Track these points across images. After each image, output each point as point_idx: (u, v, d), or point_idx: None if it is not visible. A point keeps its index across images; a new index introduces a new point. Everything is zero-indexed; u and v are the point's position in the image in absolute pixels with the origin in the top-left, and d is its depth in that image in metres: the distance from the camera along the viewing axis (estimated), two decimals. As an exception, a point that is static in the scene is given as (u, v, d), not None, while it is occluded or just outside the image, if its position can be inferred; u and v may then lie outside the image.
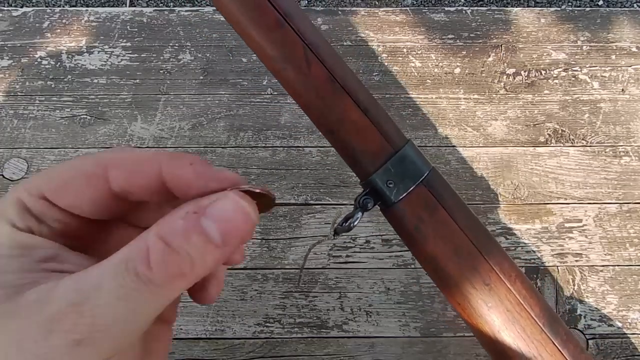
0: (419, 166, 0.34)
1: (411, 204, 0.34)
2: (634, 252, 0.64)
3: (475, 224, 0.35)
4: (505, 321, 0.33)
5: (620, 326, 0.61)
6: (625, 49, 0.76)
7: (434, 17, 0.79)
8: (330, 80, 0.33)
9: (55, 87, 0.74)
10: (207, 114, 0.72)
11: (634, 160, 0.69)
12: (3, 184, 0.68)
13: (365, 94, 0.34)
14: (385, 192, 0.34)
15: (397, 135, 0.35)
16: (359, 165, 0.34)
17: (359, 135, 0.33)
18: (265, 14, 0.32)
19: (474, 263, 0.34)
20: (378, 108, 0.35)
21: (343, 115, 0.33)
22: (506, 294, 0.34)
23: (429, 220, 0.33)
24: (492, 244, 0.35)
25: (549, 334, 0.34)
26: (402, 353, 0.60)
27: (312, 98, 0.33)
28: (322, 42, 0.34)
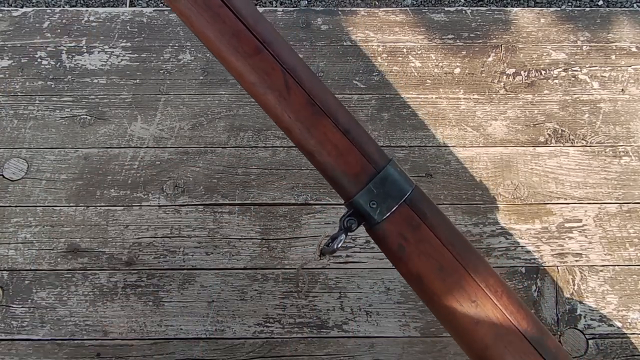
0: (402, 185, 0.34)
1: (395, 223, 0.34)
2: (634, 252, 0.64)
3: (460, 240, 0.35)
4: (492, 337, 0.33)
5: (620, 326, 0.61)
6: (625, 49, 0.76)
7: (434, 17, 0.79)
8: (310, 103, 0.33)
9: (55, 87, 0.74)
10: (207, 114, 0.72)
11: (633, 160, 0.69)
12: (3, 184, 0.68)
13: (346, 115, 0.34)
14: (369, 213, 0.34)
15: (378, 155, 0.35)
16: (341, 186, 0.35)
17: (340, 157, 0.34)
18: (244, 41, 0.33)
19: (459, 280, 0.34)
20: (359, 128, 0.35)
21: (323, 137, 0.33)
22: (493, 309, 0.34)
23: (412, 239, 0.34)
24: (478, 260, 0.35)
25: (537, 349, 0.34)
26: (402, 353, 0.60)
27: (293, 122, 0.33)
28: (300, 66, 0.34)
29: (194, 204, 0.67)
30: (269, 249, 0.65)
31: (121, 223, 0.66)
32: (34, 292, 0.63)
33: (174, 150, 0.70)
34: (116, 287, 0.63)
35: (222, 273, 0.64)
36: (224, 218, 0.66)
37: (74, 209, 0.67)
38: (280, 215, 0.66)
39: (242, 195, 0.68)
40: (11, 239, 0.65)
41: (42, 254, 0.65)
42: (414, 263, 0.34)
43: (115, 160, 0.69)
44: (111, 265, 0.64)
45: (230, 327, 0.61)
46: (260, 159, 0.69)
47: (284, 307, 0.62)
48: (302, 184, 0.68)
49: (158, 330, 0.61)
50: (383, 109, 0.73)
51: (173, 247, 0.65)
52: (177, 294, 0.63)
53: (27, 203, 0.67)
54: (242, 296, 0.63)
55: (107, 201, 0.67)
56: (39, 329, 0.61)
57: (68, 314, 0.62)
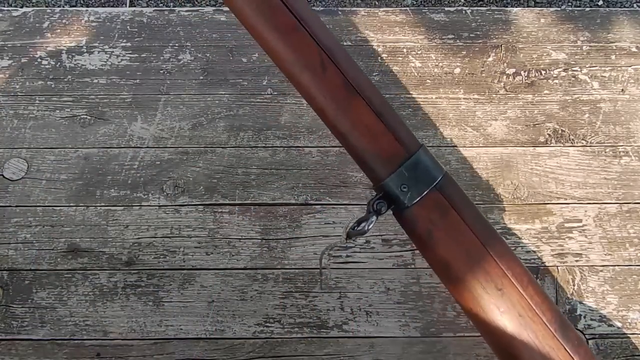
0: (433, 171, 0.34)
1: (425, 208, 0.34)
2: (634, 252, 0.64)
3: (487, 228, 0.35)
4: (517, 326, 0.33)
5: (620, 326, 0.61)
6: (625, 49, 0.76)
7: (434, 17, 0.79)
8: (345, 84, 0.33)
9: (55, 87, 0.74)
10: (207, 114, 0.72)
11: (633, 160, 0.69)
12: (3, 184, 0.68)
13: (380, 98, 0.34)
14: (399, 197, 0.34)
15: (411, 139, 0.35)
16: (372, 169, 0.35)
17: (373, 139, 0.33)
18: (281, 17, 0.32)
19: (486, 267, 0.33)
20: (392, 112, 0.34)
21: (357, 118, 0.33)
22: (518, 299, 0.33)
23: (441, 224, 0.34)
24: (504, 248, 0.35)
25: (560, 340, 0.34)
26: (402, 353, 0.60)
27: (327, 102, 0.33)
28: (336, 46, 0.33)
29: (194, 204, 0.67)
30: (269, 249, 0.65)
31: (121, 223, 0.66)
32: (34, 292, 0.63)
33: (174, 150, 0.70)
34: (116, 287, 0.63)
35: (222, 273, 0.64)
36: (224, 218, 0.66)
37: (74, 209, 0.67)
38: (280, 215, 0.66)
39: (242, 195, 0.68)
40: (11, 239, 0.65)
41: (42, 254, 0.65)
42: (441, 249, 0.34)
43: (115, 160, 0.69)
44: (111, 265, 0.64)
45: (230, 327, 0.61)
46: (260, 159, 0.69)
47: (284, 307, 0.62)
48: (302, 184, 0.68)
49: (158, 330, 0.61)
50: (383, 109, 0.73)
51: (173, 247, 0.65)
52: (177, 294, 0.63)
53: (27, 203, 0.67)
54: (242, 296, 0.63)
55: (107, 201, 0.67)
56: (39, 329, 0.61)
57: (68, 314, 0.62)
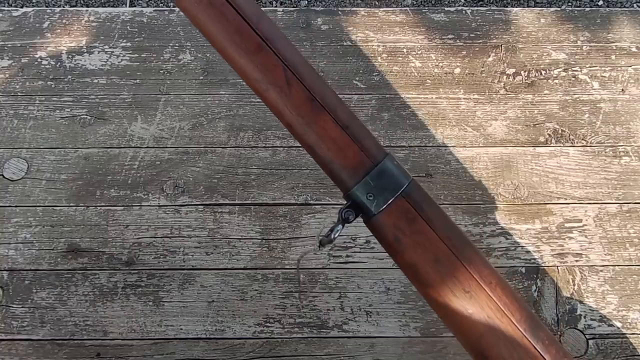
0: (398, 178, 0.35)
1: (391, 215, 0.35)
2: (634, 252, 0.64)
3: (455, 233, 0.36)
4: (486, 327, 0.34)
5: (620, 326, 0.61)
6: (625, 49, 0.76)
7: (434, 17, 0.79)
8: (310, 99, 0.34)
9: (55, 87, 0.74)
10: (207, 114, 0.72)
11: (633, 160, 0.69)
12: (3, 184, 0.68)
13: (345, 110, 0.36)
14: (366, 205, 0.35)
15: (376, 149, 0.36)
16: (340, 180, 0.36)
17: (339, 151, 0.35)
18: (247, 38, 0.34)
19: (453, 271, 0.34)
20: (358, 124, 0.36)
21: (323, 132, 0.35)
22: (487, 300, 0.34)
23: (408, 231, 0.35)
24: (472, 252, 0.36)
25: (530, 340, 0.35)
26: (402, 353, 0.60)
27: (294, 117, 0.35)
28: (302, 63, 0.35)
29: (194, 204, 0.67)
30: (269, 249, 0.65)
31: (121, 223, 0.66)
32: (34, 292, 0.63)
33: (174, 150, 0.70)
34: (116, 287, 0.63)
35: (222, 273, 0.64)
36: (224, 218, 0.66)
37: (74, 209, 0.67)
38: (280, 215, 0.66)
39: (242, 195, 0.68)
40: (11, 239, 0.65)
41: (42, 254, 0.65)
42: (409, 254, 0.35)
43: (115, 160, 0.69)
44: (111, 265, 0.64)
45: (230, 327, 0.61)
46: (260, 159, 0.69)
47: (284, 307, 0.62)
48: (302, 184, 0.68)
49: (158, 330, 0.61)
50: (383, 109, 0.73)
51: (173, 247, 0.65)
52: (177, 294, 0.63)
53: (27, 203, 0.67)
54: (242, 296, 0.63)
55: (107, 201, 0.67)
56: (39, 329, 0.61)
57: (68, 314, 0.62)
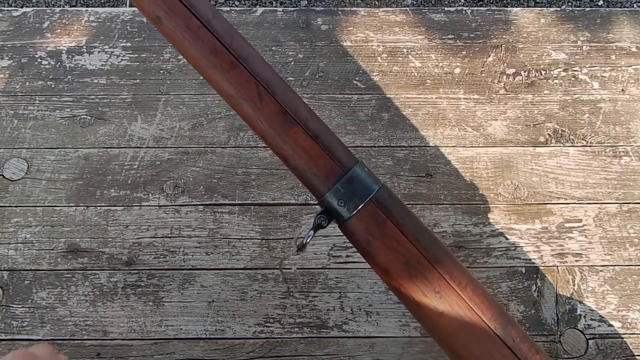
0: (368, 185, 0.37)
1: (362, 220, 0.36)
2: (634, 252, 0.64)
3: (425, 235, 0.37)
4: (457, 326, 0.35)
5: (620, 326, 0.61)
6: (625, 49, 0.76)
7: (434, 17, 0.79)
8: (282, 112, 0.36)
9: (55, 87, 0.74)
10: (207, 114, 0.72)
11: (633, 160, 0.69)
12: (3, 184, 0.68)
13: (316, 121, 0.37)
14: (338, 211, 0.37)
15: (346, 157, 0.37)
16: (313, 187, 0.38)
17: (311, 160, 0.37)
18: (220, 57, 0.36)
19: (423, 272, 0.36)
20: (328, 133, 0.38)
21: (294, 142, 0.37)
22: (456, 300, 0.36)
23: (378, 234, 0.36)
24: (442, 253, 0.37)
25: (501, 337, 0.36)
26: (402, 353, 0.60)
27: (266, 129, 0.37)
28: (273, 77, 0.37)
29: (194, 204, 0.67)
30: (269, 249, 0.65)
31: (121, 223, 0.66)
32: (34, 292, 0.63)
33: (174, 150, 0.70)
34: (116, 287, 0.63)
35: (222, 273, 0.64)
36: (224, 218, 0.66)
37: (74, 209, 0.67)
38: (280, 215, 0.66)
39: (242, 195, 0.68)
40: (11, 239, 0.65)
41: (42, 254, 0.65)
42: (380, 257, 0.36)
43: (115, 160, 0.69)
44: (111, 265, 0.64)
45: (230, 327, 0.61)
46: (260, 159, 0.69)
47: (284, 307, 0.62)
48: (302, 184, 0.68)
49: (158, 330, 0.61)
50: (383, 109, 0.73)
51: (173, 247, 0.65)
52: (177, 294, 0.63)
53: (27, 203, 0.67)
54: (242, 296, 0.63)
55: (107, 201, 0.67)
56: (39, 329, 0.61)
57: (68, 314, 0.62)
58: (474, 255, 0.64)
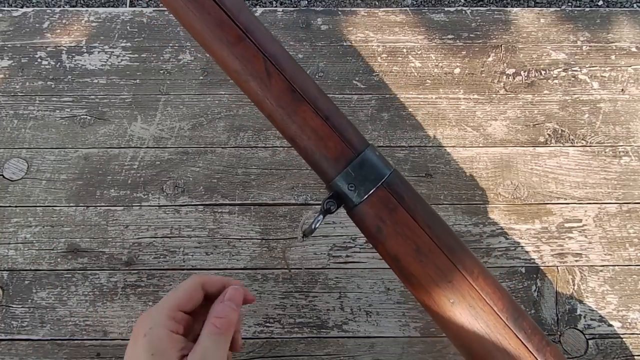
0: (380, 169, 0.35)
1: (372, 205, 0.35)
2: (634, 252, 0.64)
3: (437, 223, 0.36)
4: (468, 316, 0.34)
5: (620, 326, 0.61)
6: (625, 49, 0.76)
7: (433, 17, 0.79)
8: (290, 89, 0.34)
9: (55, 87, 0.74)
10: (207, 114, 0.72)
11: (633, 160, 0.69)
12: (3, 184, 0.68)
13: (326, 101, 0.36)
14: (347, 195, 0.35)
15: (357, 140, 0.36)
16: (321, 170, 0.36)
17: (320, 141, 0.35)
18: (227, 30, 0.34)
19: (435, 261, 0.35)
20: (339, 114, 0.36)
21: (303, 122, 0.35)
22: (469, 290, 0.35)
23: (389, 221, 0.35)
24: (455, 242, 0.36)
25: (512, 328, 0.35)
26: (402, 353, 0.60)
27: (274, 107, 0.35)
28: (282, 54, 0.35)
29: (194, 204, 0.67)
30: (269, 249, 0.65)
31: (121, 223, 0.66)
32: (34, 292, 0.63)
33: (174, 150, 0.70)
34: (116, 287, 0.63)
35: (222, 273, 0.64)
36: (224, 218, 0.66)
37: (74, 209, 0.67)
38: (280, 216, 0.66)
39: (242, 195, 0.68)
40: (11, 239, 0.65)
41: (42, 254, 0.65)
42: (391, 244, 0.35)
43: (115, 160, 0.69)
44: (111, 265, 0.64)
45: (230, 327, 0.61)
46: (260, 159, 0.69)
47: (284, 307, 0.62)
48: (302, 184, 0.68)
49: (158, 330, 0.61)
50: (383, 109, 0.73)
51: (173, 247, 0.65)
52: (177, 294, 0.63)
53: (27, 203, 0.67)
54: (242, 296, 0.63)
55: (107, 201, 0.67)
56: (39, 329, 0.61)
57: (68, 314, 0.62)
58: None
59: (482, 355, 0.36)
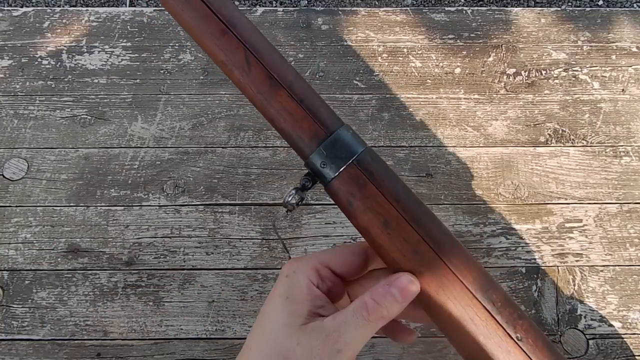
0: (351, 147, 0.38)
1: (343, 182, 0.37)
2: (634, 252, 0.64)
3: (407, 197, 0.37)
4: (435, 287, 0.36)
5: (621, 326, 0.61)
6: (625, 49, 0.76)
7: (434, 17, 0.79)
8: (268, 77, 0.38)
9: (55, 87, 0.74)
10: (208, 114, 0.72)
11: (634, 160, 0.69)
12: (3, 184, 0.68)
13: (301, 86, 0.39)
14: (321, 173, 0.38)
15: (330, 120, 0.38)
16: (299, 149, 0.39)
17: (295, 123, 0.38)
18: (211, 24, 0.38)
19: (403, 234, 0.36)
20: (313, 98, 0.39)
21: (280, 106, 0.38)
22: (434, 260, 0.36)
23: (359, 196, 0.37)
24: (424, 215, 0.37)
25: (481, 300, 0.35)
26: (402, 353, 0.60)
27: (254, 93, 0.38)
28: (260, 43, 0.38)
29: (194, 204, 0.67)
30: (269, 249, 0.65)
31: (121, 223, 0.66)
32: (34, 292, 0.63)
33: (174, 150, 0.70)
34: (116, 287, 0.63)
35: (223, 273, 0.64)
36: (224, 218, 0.66)
37: (74, 209, 0.67)
38: (280, 216, 0.66)
39: (242, 195, 0.68)
40: (11, 239, 0.65)
41: (42, 254, 0.65)
42: (361, 217, 0.37)
43: (116, 160, 0.69)
44: (111, 265, 0.64)
45: (230, 327, 0.61)
46: (261, 159, 0.69)
47: (284, 307, 0.62)
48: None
49: (158, 330, 0.61)
50: (383, 108, 0.73)
51: (173, 247, 0.65)
52: (177, 294, 0.63)
53: (28, 203, 0.67)
54: (242, 296, 0.63)
55: (107, 201, 0.67)
56: (39, 329, 0.61)
57: (68, 314, 0.62)
58: (474, 256, 0.64)
59: (449, 326, 0.36)
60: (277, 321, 0.35)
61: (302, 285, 0.36)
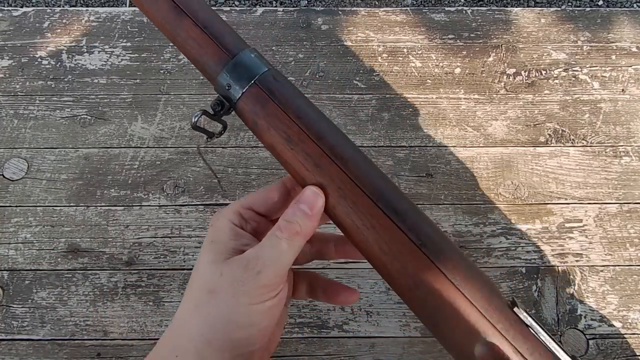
0: (253, 69, 0.39)
1: (247, 101, 0.39)
2: (634, 252, 0.64)
3: (309, 112, 0.38)
4: (338, 197, 0.37)
5: (621, 326, 0.61)
6: (625, 49, 0.76)
7: (434, 17, 0.79)
8: (173, 7, 0.40)
9: (55, 87, 0.74)
10: (208, 114, 0.72)
11: (634, 160, 0.69)
12: (3, 184, 0.68)
13: (206, 13, 0.40)
14: (227, 95, 0.40)
15: (233, 44, 0.40)
16: (207, 74, 0.41)
17: (201, 48, 0.40)
18: None
19: (305, 149, 0.37)
20: (218, 24, 0.40)
21: (186, 34, 0.40)
22: (337, 173, 0.37)
23: (262, 114, 0.38)
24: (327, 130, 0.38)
25: (382, 209, 0.36)
26: (402, 353, 0.60)
27: (164, 24, 0.41)
28: None
29: (195, 204, 0.67)
30: (269, 249, 0.65)
31: (121, 223, 0.66)
32: (34, 292, 0.63)
33: (174, 150, 0.70)
34: (116, 287, 0.63)
35: (223, 273, 0.64)
36: (224, 218, 0.66)
37: (74, 209, 0.67)
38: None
39: (242, 195, 0.68)
40: (11, 239, 0.65)
41: (42, 254, 0.65)
42: (266, 135, 0.39)
43: (116, 160, 0.69)
44: (111, 265, 0.64)
45: (230, 327, 0.61)
46: (261, 159, 0.69)
47: (284, 307, 0.62)
48: (302, 184, 0.68)
49: (158, 331, 0.61)
50: (383, 109, 0.73)
51: (173, 247, 0.65)
52: (177, 294, 0.63)
53: (28, 203, 0.67)
54: (242, 296, 0.63)
55: (107, 201, 0.67)
56: (39, 329, 0.61)
57: (68, 314, 0.62)
58: (474, 256, 0.64)
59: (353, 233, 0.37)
60: (203, 262, 0.37)
61: (226, 228, 0.38)
